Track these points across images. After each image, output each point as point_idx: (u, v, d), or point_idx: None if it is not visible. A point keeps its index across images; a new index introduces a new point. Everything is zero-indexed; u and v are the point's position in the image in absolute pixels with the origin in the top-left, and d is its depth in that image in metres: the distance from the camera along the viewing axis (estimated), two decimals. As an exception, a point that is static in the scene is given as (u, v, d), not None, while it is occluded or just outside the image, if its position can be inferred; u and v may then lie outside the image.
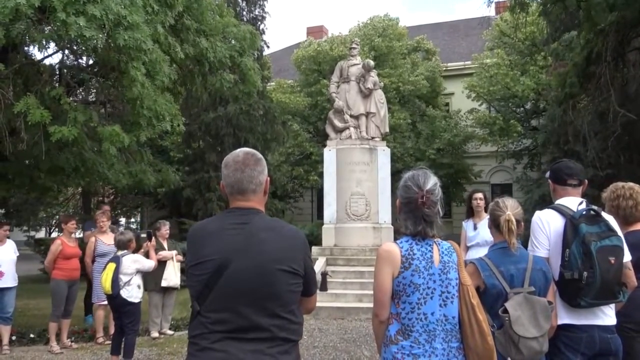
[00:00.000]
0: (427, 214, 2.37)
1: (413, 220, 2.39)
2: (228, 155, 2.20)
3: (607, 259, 2.84)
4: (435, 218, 2.40)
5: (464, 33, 29.89)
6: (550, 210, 3.15)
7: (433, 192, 2.39)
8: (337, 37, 24.25)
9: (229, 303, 1.95)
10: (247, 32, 9.72)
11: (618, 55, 10.62)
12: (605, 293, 2.86)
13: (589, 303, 2.88)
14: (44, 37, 6.58)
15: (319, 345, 7.40)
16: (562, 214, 3.06)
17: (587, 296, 2.85)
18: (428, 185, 2.39)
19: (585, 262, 2.84)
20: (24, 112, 6.52)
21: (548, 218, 3.11)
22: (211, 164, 17.36)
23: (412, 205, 2.39)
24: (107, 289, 6.05)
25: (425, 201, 2.36)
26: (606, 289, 2.85)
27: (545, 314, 2.78)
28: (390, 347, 2.34)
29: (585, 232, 2.87)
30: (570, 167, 3.26)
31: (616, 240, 2.90)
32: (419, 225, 2.38)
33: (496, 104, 21.78)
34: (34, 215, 22.51)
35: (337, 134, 13.53)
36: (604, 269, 2.82)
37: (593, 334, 2.93)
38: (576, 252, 2.88)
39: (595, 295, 2.85)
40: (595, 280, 2.81)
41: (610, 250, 2.86)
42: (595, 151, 10.69)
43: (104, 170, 8.83)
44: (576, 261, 2.87)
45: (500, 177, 25.45)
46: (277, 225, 2.12)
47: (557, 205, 3.16)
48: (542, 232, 3.10)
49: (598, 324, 2.95)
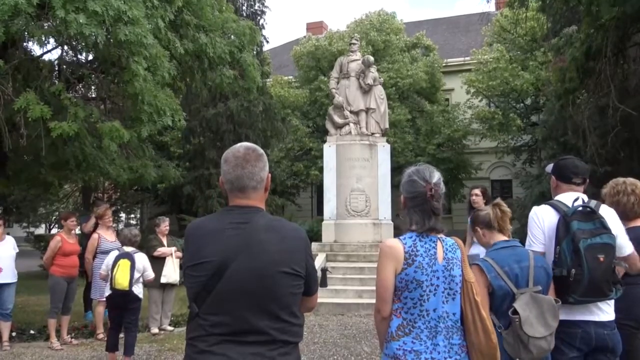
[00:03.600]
0: (435, 207, 2.36)
1: (421, 215, 2.37)
2: (228, 150, 2.10)
3: (595, 257, 2.84)
4: (441, 212, 2.39)
5: (464, 29, 29.82)
6: (546, 206, 3.16)
7: (439, 185, 2.38)
8: (336, 33, 24.19)
9: (228, 306, 1.90)
10: (246, 28, 9.71)
11: (618, 50, 10.59)
12: (593, 291, 2.87)
13: (577, 300, 2.89)
14: (44, 33, 6.58)
15: (319, 341, 7.41)
16: (557, 210, 3.07)
17: (575, 293, 2.86)
18: (434, 179, 2.38)
19: (575, 260, 2.86)
20: (24, 108, 6.51)
21: (543, 214, 3.13)
22: (211, 161, 17.33)
23: (420, 199, 2.36)
24: (125, 286, 5.97)
25: (434, 194, 2.34)
26: (594, 286, 2.85)
27: (553, 313, 2.78)
28: (391, 343, 2.33)
29: (576, 229, 2.88)
30: (577, 166, 3.25)
31: (607, 238, 2.90)
32: (430, 219, 2.36)
33: (496, 100, 21.75)
34: (33, 212, 22.50)
35: (337, 129, 13.51)
36: (592, 267, 2.82)
37: (589, 330, 2.93)
38: (566, 249, 2.90)
39: (583, 293, 2.86)
40: (583, 277, 2.82)
41: (599, 248, 2.86)
42: (594, 147, 10.67)
43: (104, 165, 8.83)
44: (566, 258, 2.89)
45: (500, 172, 25.44)
46: (277, 225, 2.04)
47: (554, 201, 3.17)
48: (537, 227, 3.11)
49: (594, 320, 2.95)
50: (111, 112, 8.56)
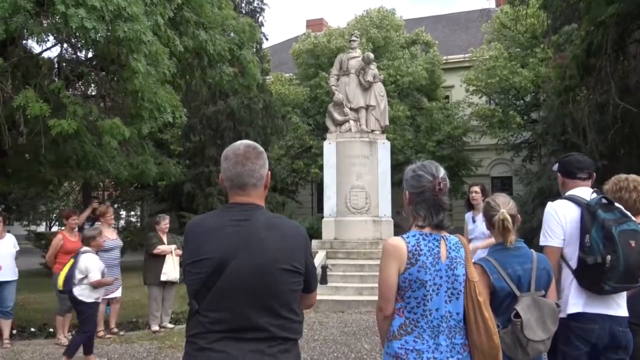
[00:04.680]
0: (443, 201, 2.34)
1: (428, 210, 2.34)
2: (228, 147, 2.11)
3: (628, 242, 2.83)
4: (448, 208, 2.37)
5: (465, 26, 29.80)
6: (564, 201, 3.14)
7: (446, 180, 2.37)
8: (336, 29, 24.17)
9: (228, 303, 1.90)
10: (246, 25, 9.68)
11: (618, 47, 10.58)
12: (628, 276, 2.85)
13: (613, 287, 2.87)
14: (43, 31, 6.56)
15: (319, 338, 7.42)
16: (576, 203, 3.06)
17: (611, 280, 2.84)
18: (441, 173, 2.37)
19: (608, 246, 2.83)
20: (23, 106, 6.50)
21: (563, 208, 3.10)
22: (211, 158, 17.34)
23: (428, 194, 2.34)
24: (60, 285, 5.92)
25: (443, 187, 2.33)
26: (629, 272, 2.84)
27: (553, 317, 2.77)
28: (393, 342, 2.31)
29: (603, 217, 2.87)
30: (580, 161, 3.26)
31: (634, 225, 2.90)
32: (438, 214, 2.34)
33: (495, 97, 21.74)
34: (34, 210, 22.51)
35: (337, 127, 13.50)
36: (626, 252, 2.81)
37: (604, 326, 2.93)
38: (597, 237, 2.87)
39: (618, 279, 2.84)
40: (619, 263, 2.80)
41: (630, 234, 2.85)
42: (594, 143, 10.67)
43: (105, 163, 8.83)
44: (598, 246, 2.86)
45: (500, 169, 25.45)
46: (277, 222, 2.05)
47: (570, 195, 3.15)
48: (556, 223, 3.08)
49: (610, 314, 2.95)
50: (111, 110, 8.55)
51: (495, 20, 21.22)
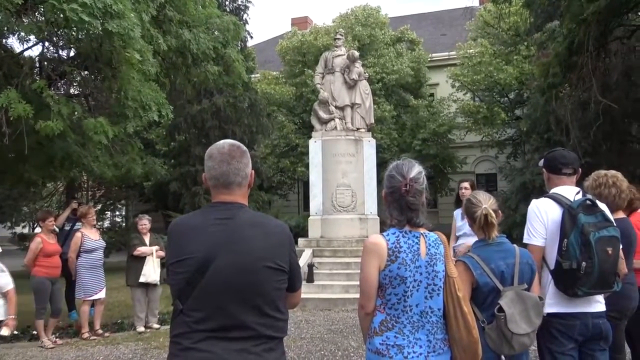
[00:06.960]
0: (411, 202, 2.36)
1: (398, 209, 2.38)
2: (211, 146, 2.11)
3: (605, 249, 2.84)
4: (420, 207, 2.38)
5: (448, 24, 29.98)
6: (548, 199, 3.14)
7: (417, 181, 2.37)
8: (322, 27, 24.19)
9: (212, 301, 1.89)
10: (230, 23, 9.66)
11: (600, 45, 10.70)
12: (601, 283, 2.88)
13: (586, 292, 2.90)
14: (24, 30, 6.48)
15: (305, 336, 7.42)
16: (559, 203, 3.06)
17: (585, 286, 2.87)
18: (412, 174, 2.38)
19: (584, 253, 2.85)
20: (4, 107, 6.41)
21: (545, 207, 3.11)
22: (197, 157, 17.23)
23: (397, 195, 2.38)
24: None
25: (409, 189, 2.34)
26: (603, 279, 2.87)
27: (537, 310, 2.81)
28: (374, 338, 2.34)
29: (583, 222, 2.87)
30: (565, 156, 3.25)
31: (613, 230, 2.91)
32: (404, 213, 2.37)
33: (480, 94, 21.91)
34: (17, 211, 22.20)
35: (323, 125, 13.51)
36: (602, 260, 2.83)
37: (586, 321, 2.97)
38: (574, 242, 2.88)
39: (592, 285, 2.87)
40: (593, 270, 2.82)
41: (607, 240, 2.87)
42: (577, 140, 10.78)
43: (88, 162, 8.74)
44: (574, 251, 2.87)
45: (484, 166, 25.67)
46: (262, 221, 2.06)
47: (554, 194, 3.16)
48: (539, 221, 3.10)
49: (591, 311, 2.99)
50: (95, 109, 8.47)
51: (479, 18, 21.36)
